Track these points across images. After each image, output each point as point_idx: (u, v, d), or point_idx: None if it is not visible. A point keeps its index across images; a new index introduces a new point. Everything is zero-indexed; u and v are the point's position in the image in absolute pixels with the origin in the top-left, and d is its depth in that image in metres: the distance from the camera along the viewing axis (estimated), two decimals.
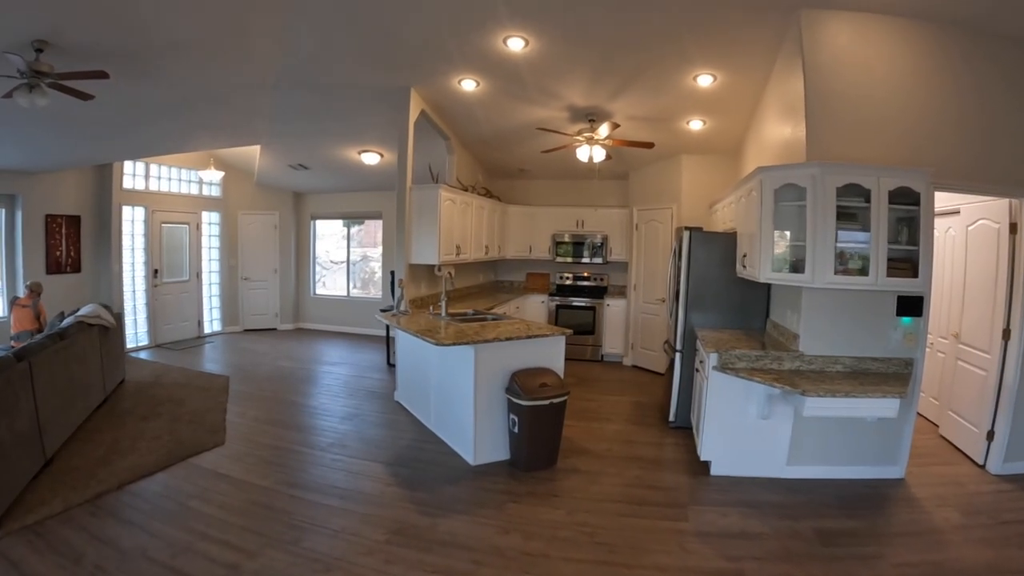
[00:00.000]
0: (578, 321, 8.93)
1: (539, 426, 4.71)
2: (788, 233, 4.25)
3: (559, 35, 4.78)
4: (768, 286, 5.26)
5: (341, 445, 5.43)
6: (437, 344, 4.82)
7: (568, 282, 9.58)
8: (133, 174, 9.58)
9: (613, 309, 8.81)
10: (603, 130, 6.24)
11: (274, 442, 5.50)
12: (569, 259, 9.29)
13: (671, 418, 5.74)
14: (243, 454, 5.18)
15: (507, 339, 4.91)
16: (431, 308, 6.44)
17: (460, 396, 5.04)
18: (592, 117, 6.36)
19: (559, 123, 6.63)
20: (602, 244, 9.06)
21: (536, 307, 9.16)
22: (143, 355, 9.29)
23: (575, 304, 9.03)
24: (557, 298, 9.15)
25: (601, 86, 5.76)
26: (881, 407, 3.83)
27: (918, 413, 4.58)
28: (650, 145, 6.58)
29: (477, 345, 4.80)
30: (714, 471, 4.62)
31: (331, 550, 3.58)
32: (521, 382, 4.72)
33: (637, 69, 5.33)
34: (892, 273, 3.91)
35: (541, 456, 4.79)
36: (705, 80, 5.31)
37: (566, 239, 9.27)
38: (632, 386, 7.49)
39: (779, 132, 4.89)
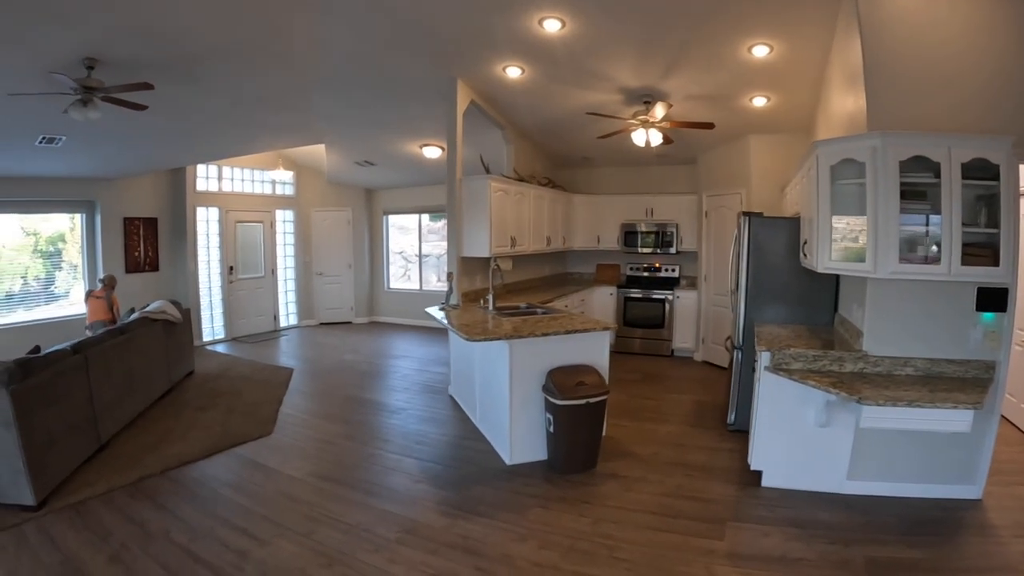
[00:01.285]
0: (647, 314, 8.54)
1: (575, 427, 4.42)
2: (848, 216, 3.72)
3: (595, 12, 4.47)
4: (837, 277, 4.72)
5: (383, 439, 5.39)
6: (468, 339, 4.62)
7: (638, 273, 9.17)
8: (206, 177, 10.01)
9: (684, 301, 8.36)
10: (658, 112, 5.83)
11: (319, 435, 5.52)
12: (638, 249, 8.88)
13: (730, 421, 5.29)
14: (285, 445, 5.23)
15: (543, 334, 4.64)
16: (481, 301, 6.27)
17: (498, 393, 4.84)
18: (647, 99, 5.95)
19: (614, 106, 6.27)
20: (672, 233, 8.60)
21: (603, 299, 8.81)
22: (219, 348, 9.64)
23: (643, 296, 8.61)
24: (625, 290, 8.75)
25: (650, 64, 5.37)
26: (950, 419, 3.26)
27: (1007, 420, 3.95)
28: (710, 126, 6.12)
29: (512, 341, 4.57)
30: (765, 482, 4.16)
31: (339, 544, 3.55)
32: (557, 380, 4.45)
33: (685, 43, 4.92)
34: (969, 261, 3.31)
35: (578, 458, 4.51)
36: (761, 51, 4.81)
37: (635, 228, 8.87)
38: (698, 384, 7.05)
39: (844, 104, 4.34)
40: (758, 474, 4.22)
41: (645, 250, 8.83)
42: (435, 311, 5.91)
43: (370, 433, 5.56)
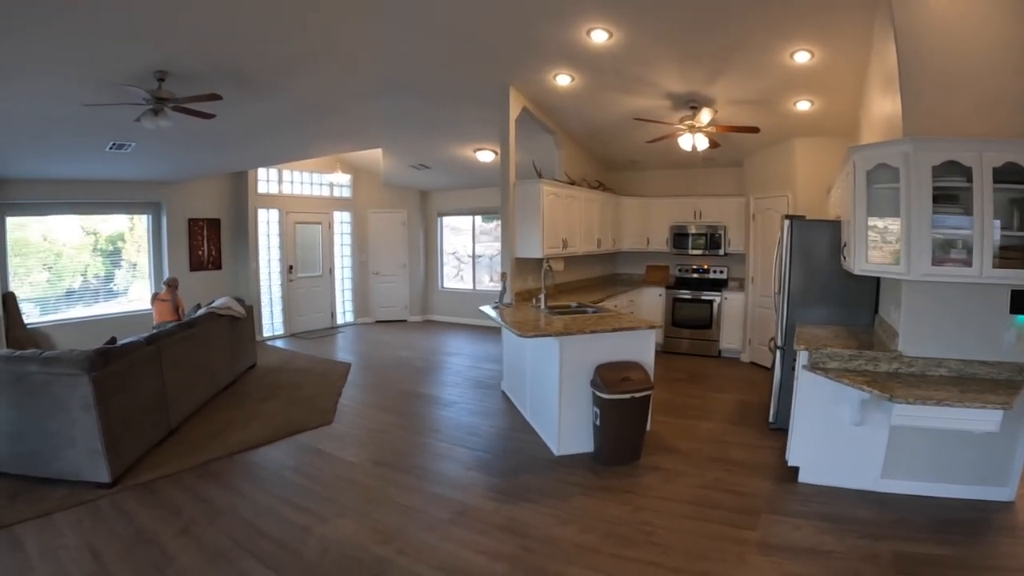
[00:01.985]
0: (695, 315, 8.64)
1: (620, 420, 4.61)
2: (883, 219, 3.81)
3: (640, 22, 4.64)
4: (878, 279, 4.80)
5: (436, 430, 5.66)
6: (520, 335, 4.88)
7: (687, 275, 9.26)
8: (267, 180, 10.49)
9: (731, 303, 8.42)
10: (704, 117, 5.97)
11: (375, 425, 5.83)
12: (687, 251, 8.97)
13: (771, 419, 5.39)
14: (344, 434, 5.54)
15: (592, 332, 4.85)
16: (533, 300, 6.49)
17: (548, 387, 5.06)
18: (694, 104, 6.08)
19: (661, 111, 6.42)
20: (720, 235, 8.66)
21: (652, 300, 8.93)
22: (278, 343, 10.09)
23: (692, 297, 8.71)
24: (674, 291, 8.86)
25: (694, 70, 5.51)
26: (980, 419, 3.31)
27: None
28: (755, 130, 6.20)
29: (562, 337, 4.80)
30: (801, 478, 4.26)
31: (395, 523, 3.82)
32: (604, 375, 4.65)
33: (727, 50, 5.05)
34: (1002, 264, 3.36)
35: (622, 451, 4.70)
36: (802, 57, 4.92)
37: (684, 230, 8.96)
38: (743, 384, 7.12)
39: (882, 107, 4.40)
40: (795, 470, 4.32)
41: (694, 252, 8.91)
42: (489, 309, 6.15)
43: (424, 424, 5.84)
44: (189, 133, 6.29)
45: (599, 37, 4.83)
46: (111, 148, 7.03)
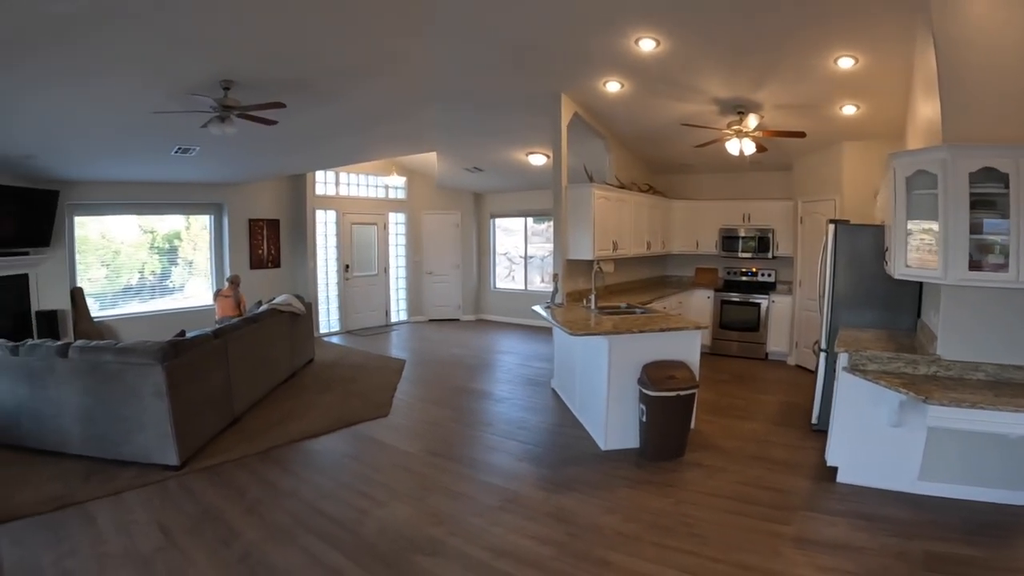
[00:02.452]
0: (742, 317, 8.70)
1: (665, 417, 4.77)
2: (922, 224, 3.88)
3: (686, 31, 4.77)
4: (920, 283, 4.86)
5: (487, 424, 5.91)
6: (571, 333, 5.10)
7: (735, 277, 9.30)
8: (324, 182, 10.95)
9: (779, 306, 8.45)
10: (751, 122, 6.07)
11: (429, 418, 6.12)
12: (735, 254, 9.02)
13: (813, 421, 5.47)
14: (399, 426, 5.84)
15: (640, 331, 5.03)
16: (584, 301, 6.68)
17: (596, 384, 5.24)
18: (741, 109, 6.19)
19: (709, 116, 6.53)
20: (769, 238, 8.69)
21: (700, 302, 9.03)
22: (335, 339, 10.51)
23: (739, 300, 8.77)
24: (723, 293, 8.94)
25: (740, 77, 5.61)
26: (1014, 423, 3.37)
27: None
28: (801, 135, 6.28)
29: (611, 336, 4.99)
30: (840, 478, 4.35)
31: (448, 508, 4.08)
32: (650, 374, 4.81)
33: (772, 56, 5.14)
34: None
35: (667, 447, 4.86)
36: (846, 62, 4.97)
37: (732, 233, 9.01)
38: (788, 386, 7.17)
39: (925, 112, 4.44)
40: (834, 470, 4.40)
41: (742, 254, 8.96)
42: (541, 309, 6.36)
43: (476, 418, 6.10)
44: (251, 137, 6.59)
45: (647, 46, 4.96)
46: (176, 152, 7.43)
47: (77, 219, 8.64)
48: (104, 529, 3.82)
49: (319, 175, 10.83)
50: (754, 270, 9.14)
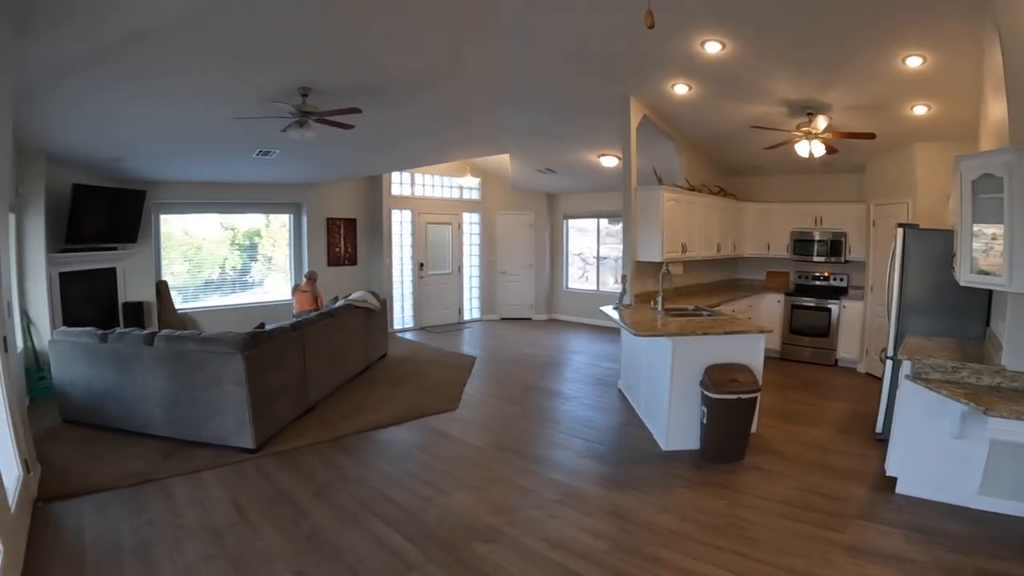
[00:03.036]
0: (812, 323, 8.56)
1: (726, 420, 4.84)
2: (988, 230, 3.78)
3: (751, 33, 4.80)
4: (989, 291, 4.74)
5: (553, 421, 6.09)
6: (636, 334, 5.23)
7: (806, 281, 9.15)
8: (400, 183, 11.37)
9: (849, 311, 8.26)
10: (820, 123, 6.02)
11: (497, 413, 6.37)
12: (807, 257, 8.87)
13: (878, 430, 5.39)
14: (467, 420, 6.10)
15: (704, 333, 5.11)
16: (652, 302, 6.77)
17: (660, 385, 5.33)
18: (810, 110, 6.13)
19: (778, 118, 6.50)
20: (841, 242, 8.51)
21: (771, 306, 8.93)
22: (408, 336, 10.92)
23: (810, 304, 8.62)
24: (793, 298, 8.81)
25: (807, 78, 5.58)
26: None
27: None
28: (871, 136, 6.17)
29: (674, 338, 5.08)
30: (898, 489, 4.29)
31: (508, 500, 4.30)
32: (713, 376, 4.88)
33: (838, 57, 5.09)
34: None
35: (726, 450, 4.92)
36: (914, 61, 4.87)
37: (804, 237, 8.86)
38: (855, 393, 7.04)
39: (994, 115, 4.29)
40: (893, 480, 4.35)
41: (814, 258, 8.81)
42: (609, 309, 6.49)
43: (542, 415, 6.28)
44: (329, 141, 6.93)
45: (712, 48, 5.02)
46: (257, 154, 7.92)
47: (162, 217, 9.32)
48: (181, 504, 4.21)
49: (395, 176, 11.25)
50: (826, 274, 8.98)
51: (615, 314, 6.17)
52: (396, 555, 3.55)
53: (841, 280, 8.83)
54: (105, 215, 8.00)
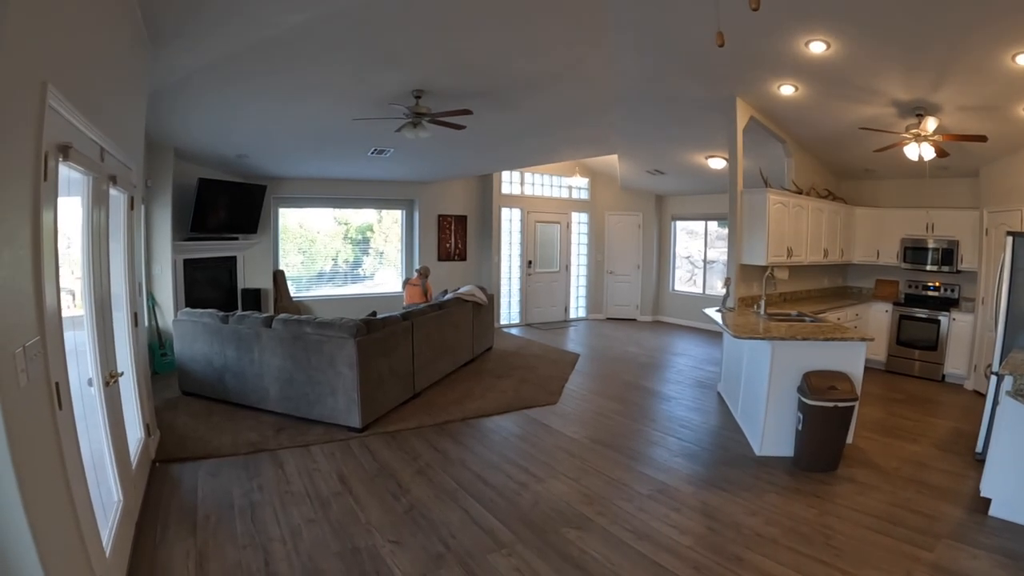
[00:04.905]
0: (920, 335, 8.25)
1: (822, 427, 4.84)
2: None
3: (856, 32, 4.75)
4: None
5: (651, 419, 6.30)
6: (735, 336, 5.34)
7: (915, 291, 8.81)
8: (510, 181, 11.78)
9: (960, 324, 7.90)
10: (930, 125, 5.84)
11: (596, 408, 6.63)
12: (918, 266, 8.55)
13: (977, 450, 5.23)
14: (567, 413, 6.41)
15: (803, 339, 5.14)
16: (755, 306, 6.82)
17: (757, 389, 5.42)
18: (920, 111, 5.96)
19: (887, 119, 6.34)
20: (953, 250, 8.15)
21: (879, 316, 8.69)
22: (514, 331, 11.34)
23: (919, 316, 8.31)
24: (902, 308, 8.53)
25: (916, 78, 5.42)
26: None
27: None
28: (983, 139, 5.92)
29: (774, 342, 5.15)
30: (992, 511, 4.18)
31: (600, 490, 4.56)
32: (811, 382, 4.89)
33: (946, 55, 4.94)
34: None
35: (821, 458, 4.93)
36: None
37: (915, 244, 8.55)
38: (960, 410, 6.80)
39: None
40: (987, 502, 4.24)
41: (925, 267, 8.49)
42: (712, 312, 6.60)
43: (641, 413, 6.50)
44: (441, 140, 7.30)
45: (817, 48, 5.00)
46: (372, 153, 8.44)
47: (280, 210, 10.12)
48: (290, 473, 4.71)
49: (505, 175, 11.68)
50: (936, 284, 8.62)
51: (718, 317, 6.26)
52: (488, 533, 3.88)
53: (952, 291, 8.47)
54: (228, 207, 8.73)
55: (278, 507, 4.18)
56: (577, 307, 13.08)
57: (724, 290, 7.09)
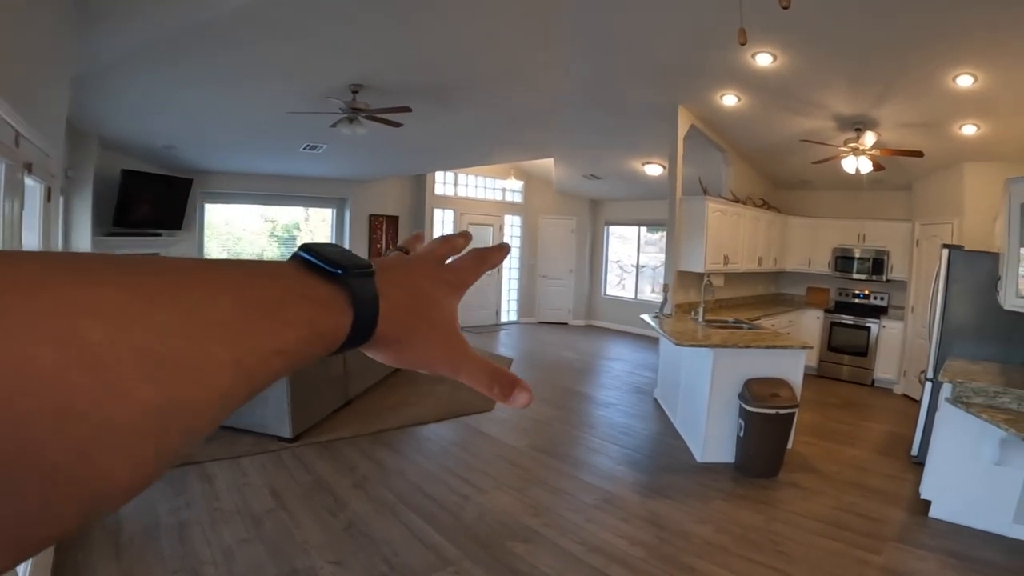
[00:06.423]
0: (850, 341, 8.50)
1: (764, 434, 4.85)
2: None
3: (804, 46, 4.81)
4: None
5: (590, 426, 6.20)
6: (677, 343, 5.26)
7: (846, 299, 9.07)
8: (444, 182, 11.55)
9: (889, 331, 8.18)
10: (868, 139, 5.99)
11: (535, 415, 6.43)
12: (848, 275, 8.81)
13: (913, 452, 5.36)
14: (505, 420, 6.20)
15: (745, 347, 5.14)
16: (692, 313, 6.82)
17: (698, 396, 5.37)
18: (859, 126, 6.11)
19: (827, 133, 6.48)
20: (883, 260, 8.44)
21: (810, 322, 8.89)
22: None
23: (849, 322, 8.56)
24: (833, 315, 8.76)
25: (859, 93, 5.55)
26: None
27: None
28: (919, 154, 6.11)
29: (716, 349, 5.12)
30: (933, 513, 4.27)
31: (546, 502, 4.40)
32: (753, 389, 4.89)
33: (890, 73, 5.07)
34: None
35: (763, 464, 4.94)
36: (965, 80, 4.84)
37: (846, 254, 8.80)
38: (894, 415, 6.97)
39: None
40: (927, 503, 4.33)
41: (855, 276, 8.73)
42: (649, 318, 6.54)
43: (580, 420, 6.41)
44: (377, 138, 7.07)
45: (764, 60, 5.04)
46: (304, 149, 8.15)
47: (207, 206, 9.63)
48: (219, 488, 4.36)
49: (439, 175, 11.45)
50: (866, 292, 8.89)
51: (655, 323, 6.23)
52: (432, 549, 3.67)
53: (882, 299, 8.75)
54: (152, 201, 8.23)
55: (208, 526, 3.85)
56: (508, 310, 12.94)
57: (661, 296, 7.08)
